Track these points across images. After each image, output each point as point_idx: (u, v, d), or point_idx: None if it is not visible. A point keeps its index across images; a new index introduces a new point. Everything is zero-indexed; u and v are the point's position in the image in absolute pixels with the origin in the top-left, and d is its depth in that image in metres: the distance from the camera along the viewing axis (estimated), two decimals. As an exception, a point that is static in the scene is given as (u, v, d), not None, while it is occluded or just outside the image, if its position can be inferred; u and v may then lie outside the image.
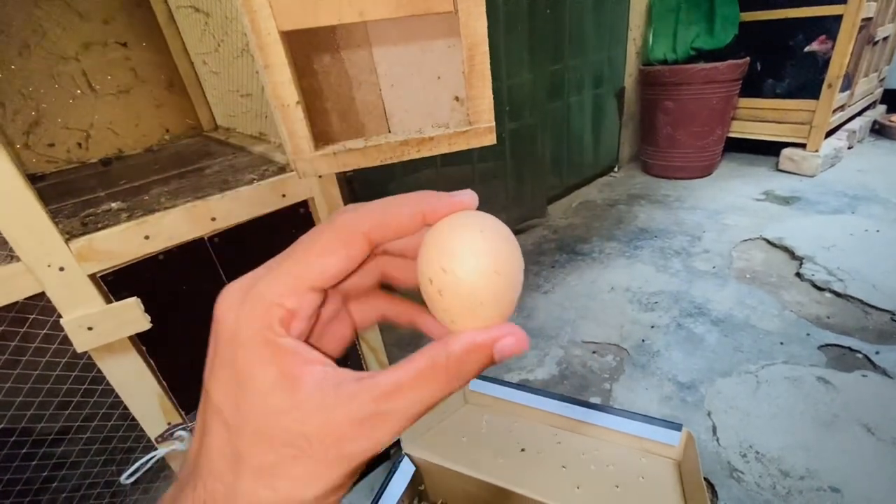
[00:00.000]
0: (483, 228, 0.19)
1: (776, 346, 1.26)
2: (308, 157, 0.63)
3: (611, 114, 2.58)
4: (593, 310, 1.53)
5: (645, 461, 0.93)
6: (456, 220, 0.19)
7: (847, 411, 1.04)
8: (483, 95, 0.63)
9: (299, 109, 0.60)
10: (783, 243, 1.76)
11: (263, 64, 0.58)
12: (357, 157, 0.64)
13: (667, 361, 1.26)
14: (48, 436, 0.65)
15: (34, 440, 0.64)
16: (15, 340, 0.57)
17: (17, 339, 0.57)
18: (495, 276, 0.18)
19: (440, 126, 0.66)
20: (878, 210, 1.93)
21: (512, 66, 1.75)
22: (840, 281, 1.49)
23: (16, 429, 0.63)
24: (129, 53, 1.08)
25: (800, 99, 2.34)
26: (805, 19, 2.20)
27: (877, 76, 2.74)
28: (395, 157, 0.65)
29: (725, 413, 1.08)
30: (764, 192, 2.26)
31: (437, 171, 1.74)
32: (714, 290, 1.55)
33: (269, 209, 0.68)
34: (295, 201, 0.70)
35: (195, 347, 0.69)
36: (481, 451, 0.94)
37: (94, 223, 0.60)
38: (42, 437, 0.64)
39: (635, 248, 1.88)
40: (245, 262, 0.67)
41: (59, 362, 0.61)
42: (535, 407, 1.06)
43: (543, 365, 1.32)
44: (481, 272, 0.18)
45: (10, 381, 0.59)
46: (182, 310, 0.66)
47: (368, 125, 0.66)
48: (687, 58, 2.39)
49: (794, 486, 0.90)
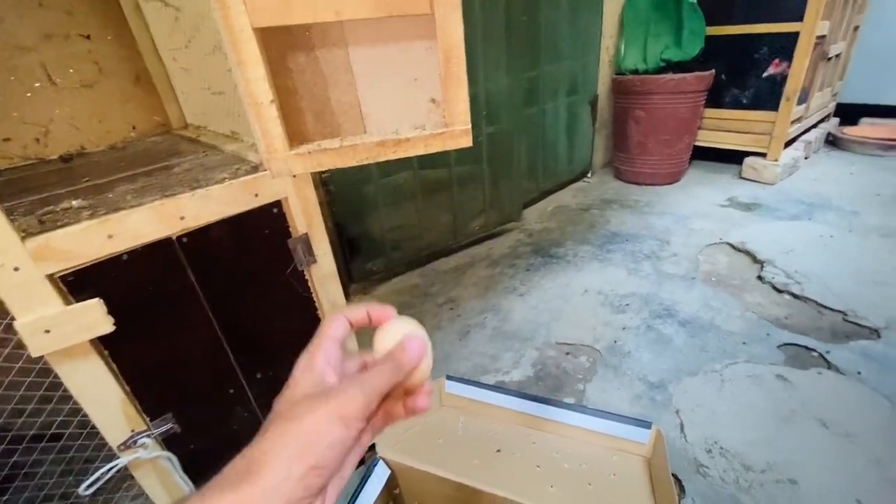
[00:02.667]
0: (408, 325, 0.34)
1: (739, 346, 1.32)
2: (282, 156, 0.62)
3: (584, 121, 2.64)
4: (567, 312, 1.56)
5: (616, 459, 0.95)
6: (394, 322, 0.35)
7: (804, 407, 1.09)
8: (459, 98, 0.63)
9: (273, 108, 0.60)
10: (746, 248, 1.84)
11: (237, 61, 0.57)
12: (332, 156, 0.63)
13: (637, 362, 1.29)
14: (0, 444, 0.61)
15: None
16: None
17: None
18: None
19: (417, 127, 0.66)
20: (832, 217, 2.04)
21: (489, 71, 1.77)
22: (798, 283, 1.57)
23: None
24: (92, 46, 1.04)
25: (761, 110, 2.45)
26: (765, 35, 2.32)
27: (830, 91, 2.90)
28: (371, 157, 0.64)
29: (692, 411, 1.12)
30: (728, 198, 2.36)
31: (414, 173, 1.74)
32: (682, 292, 1.60)
33: (241, 209, 0.67)
34: (268, 201, 0.69)
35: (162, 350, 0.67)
36: (457, 452, 0.94)
37: (52, 221, 0.57)
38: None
39: (608, 252, 1.93)
40: (215, 262, 0.65)
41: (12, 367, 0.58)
42: (511, 408, 1.07)
43: (519, 366, 1.33)
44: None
45: (-43, 387, 0.56)
46: (149, 312, 0.64)
47: (344, 125, 0.66)
48: (657, 68, 2.48)
49: (755, 479, 0.94)
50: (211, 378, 0.72)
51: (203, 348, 0.70)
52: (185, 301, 0.66)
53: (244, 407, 0.77)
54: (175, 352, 0.68)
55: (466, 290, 1.76)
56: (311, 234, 0.75)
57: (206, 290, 0.67)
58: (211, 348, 0.70)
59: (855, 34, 2.85)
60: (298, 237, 0.74)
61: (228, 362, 0.73)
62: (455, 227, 1.97)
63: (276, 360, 0.78)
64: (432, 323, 1.56)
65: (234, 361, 0.73)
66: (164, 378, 0.68)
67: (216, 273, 0.68)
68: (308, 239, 0.75)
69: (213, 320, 0.69)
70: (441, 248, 1.99)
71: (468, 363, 1.36)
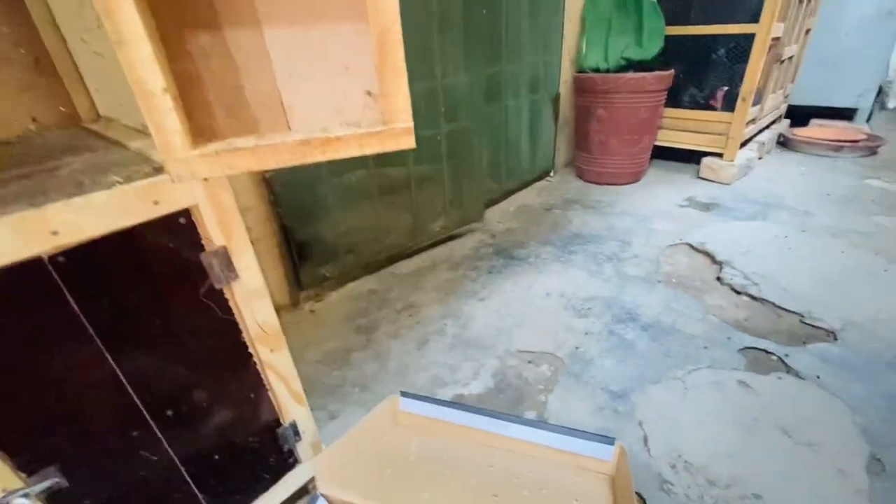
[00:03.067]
0: None
1: (701, 351, 1.29)
2: (182, 156, 0.52)
3: (547, 119, 2.60)
4: (529, 317, 1.50)
5: (580, 480, 0.89)
6: None
7: (766, 414, 1.07)
8: (398, 91, 0.55)
9: (167, 98, 0.49)
10: (705, 248, 1.84)
11: (117, 39, 0.46)
12: (246, 157, 0.53)
13: (599, 370, 1.25)
14: None
15: None
16: None
17: None
18: None
19: (350, 125, 0.57)
20: (785, 216, 2.08)
21: (447, 66, 1.68)
22: (755, 285, 1.57)
23: None
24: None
25: (718, 111, 2.49)
26: (722, 36, 2.34)
27: (782, 93, 2.99)
28: (295, 159, 0.55)
29: (655, 422, 1.08)
30: (687, 198, 2.38)
31: (369, 172, 1.63)
32: (643, 294, 1.58)
33: (136, 220, 0.55)
34: (172, 210, 0.58)
35: (39, 394, 0.55)
36: (406, 483, 0.86)
37: None
38: None
39: (569, 253, 1.89)
40: (106, 284, 0.53)
41: None
42: (469, 426, 1.00)
43: (479, 377, 1.26)
44: None
45: None
46: (18, 349, 0.52)
47: (263, 121, 0.56)
48: (618, 67, 2.46)
49: (720, 495, 0.90)
50: (108, 421, 0.61)
51: (94, 388, 0.58)
52: (66, 334, 0.54)
53: (153, 450, 0.65)
54: (57, 394, 0.56)
55: (427, 294, 1.67)
56: (230, 246, 0.64)
57: (94, 319, 0.55)
58: (106, 387, 0.59)
59: (807, 37, 2.94)
60: (213, 251, 0.63)
61: (130, 401, 0.61)
62: (415, 228, 1.88)
63: (192, 394, 0.67)
64: (390, 330, 1.47)
65: (138, 400, 0.62)
66: (44, 426, 0.56)
67: (107, 298, 0.56)
68: (227, 252, 0.64)
69: (106, 354, 0.58)
70: (400, 251, 1.90)
71: (426, 374, 1.28)
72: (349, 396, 1.22)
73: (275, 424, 0.82)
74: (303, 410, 0.85)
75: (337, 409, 1.18)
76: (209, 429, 0.71)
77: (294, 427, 0.84)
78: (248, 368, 0.74)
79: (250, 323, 0.70)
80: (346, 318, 1.56)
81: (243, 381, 0.73)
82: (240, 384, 0.73)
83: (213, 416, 0.71)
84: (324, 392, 1.24)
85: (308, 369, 1.32)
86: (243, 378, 0.73)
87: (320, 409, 1.18)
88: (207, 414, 0.70)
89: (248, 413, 0.77)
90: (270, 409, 0.81)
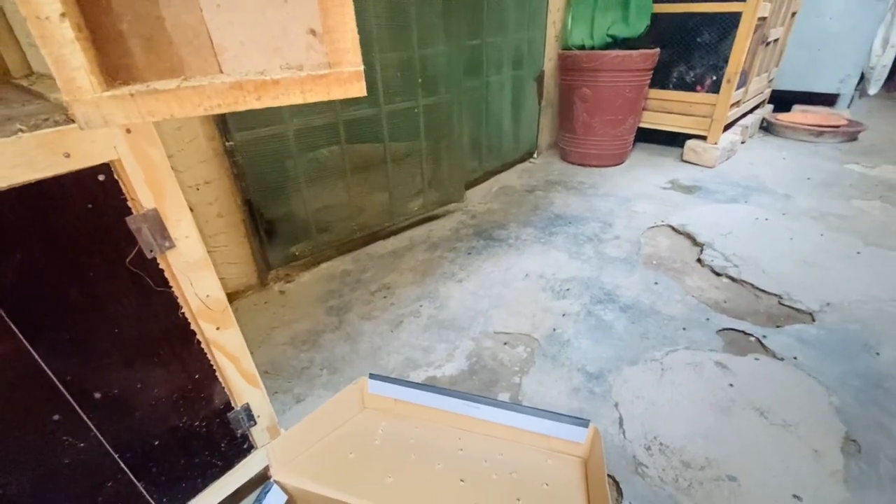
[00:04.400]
0: None
1: (679, 332, 1.27)
2: (90, 97, 0.44)
3: (531, 98, 2.53)
4: (507, 298, 1.46)
5: (551, 463, 0.86)
6: None
7: (742, 396, 1.05)
8: (344, 27, 0.48)
9: (66, 26, 0.41)
10: (686, 230, 1.81)
11: (-2, -51, 0.38)
12: (168, 101, 0.46)
13: (576, 351, 1.21)
14: None
15: None
16: None
17: None
18: None
19: (291, 68, 0.50)
20: (767, 200, 2.07)
21: (424, 35, 1.60)
22: (735, 266, 1.55)
23: None
24: None
25: (702, 92, 2.45)
26: (709, 14, 2.29)
27: (766, 76, 2.97)
28: (226, 104, 0.48)
29: (631, 403, 1.05)
30: (670, 180, 2.35)
31: (341, 148, 1.55)
32: (623, 275, 1.54)
33: (40, 174, 0.48)
34: (87, 165, 0.50)
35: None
36: (369, 469, 0.81)
37: None
38: None
39: (550, 235, 1.85)
40: (11, 250, 0.45)
41: None
42: (440, 408, 0.96)
43: (453, 359, 1.22)
44: None
45: None
46: None
47: (190, 61, 0.49)
48: (603, 45, 2.40)
49: (694, 477, 0.88)
50: (22, 406, 0.54)
51: (4, 369, 0.51)
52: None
53: (79, 436, 0.59)
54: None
55: (402, 275, 1.62)
56: (162, 209, 0.57)
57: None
58: (17, 368, 0.52)
59: (792, 20, 2.91)
60: (143, 214, 0.56)
61: (48, 382, 0.55)
62: (392, 207, 1.81)
63: (123, 373, 0.61)
64: (363, 312, 1.41)
65: (58, 381, 0.55)
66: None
67: (15, 266, 0.49)
68: (158, 216, 0.57)
69: (14, 330, 0.51)
70: (377, 231, 1.83)
71: (398, 357, 1.23)
72: (316, 379, 1.17)
73: (225, 408, 0.76)
74: (257, 393, 0.79)
75: (303, 393, 1.13)
76: (146, 413, 0.65)
77: (247, 410, 0.78)
78: (191, 347, 0.67)
79: (191, 297, 0.63)
80: (318, 299, 1.50)
81: (185, 360, 0.67)
82: (181, 364, 0.66)
83: (149, 399, 0.64)
84: (290, 374, 1.18)
85: (274, 351, 1.26)
86: (184, 358, 0.66)
87: (286, 393, 1.12)
88: (143, 397, 0.64)
89: (193, 396, 0.70)
90: (220, 392, 0.74)
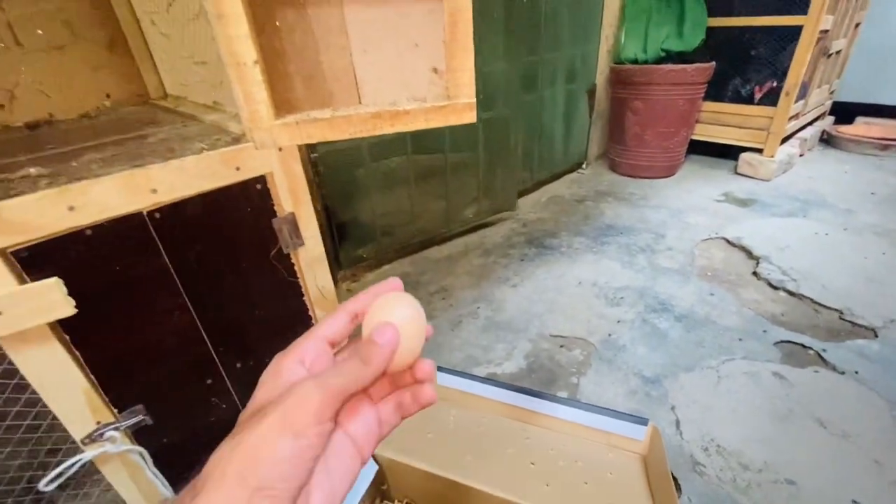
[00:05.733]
0: (396, 305, 0.31)
1: (735, 342, 1.29)
2: (266, 125, 0.56)
3: (582, 110, 2.59)
4: (561, 304, 1.52)
5: (612, 456, 0.92)
6: (382, 302, 0.31)
7: (801, 406, 1.07)
8: (464, 67, 0.58)
9: (257, 70, 0.53)
10: (741, 243, 1.82)
11: (216, 13, 0.50)
12: (323, 128, 0.57)
13: (632, 356, 1.27)
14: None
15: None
16: None
17: None
18: (409, 322, 0.30)
19: (417, 99, 0.61)
20: (827, 215, 2.03)
21: (487, 54, 1.71)
22: (793, 280, 1.55)
23: None
24: (63, 5, 0.96)
25: (759, 105, 2.43)
26: (768, 28, 2.28)
27: (828, 88, 2.89)
28: (366, 130, 0.59)
29: (688, 407, 1.09)
30: (723, 193, 2.34)
31: (407, 158, 1.68)
32: (677, 286, 1.58)
33: (220, 183, 0.61)
34: (250, 176, 0.63)
35: (132, 336, 0.61)
36: (448, 447, 0.90)
37: (5, 190, 0.51)
38: (-63, 439, 0.55)
39: (602, 244, 1.90)
40: (192, 240, 0.59)
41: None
42: (503, 401, 1.04)
43: (511, 358, 1.29)
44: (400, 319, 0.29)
45: None
46: (117, 294, 0.58)
47: (337, 94, 0.60)
48: (657, 59, 2.43)
49: (752, 478, 0.92)
50: (187, 367, 0.67)
51: (178, 335, 0.64)
52: (157, 283, 0.60)
53: (223, 398, 0.71)
54: (147, 338, 0.62)
55: (459, 279, 1.71)
56: (298, 213, 0.69)
57: (181, 271, 0.61)
58: (187, 335, 0.65)
59: (856, 31, 2.83)
60: (284, 217, 0.68)
61: (206, 350, 0.67)
62: (448, 214, 1.92)
63: (258, 349, 0.73)
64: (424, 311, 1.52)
65: (213, 350, 0.68)
66: (135, 367, 0.63)
67: (193, 253, 0.62)
68: (295, 219, 0.69)
69: (189, 305, 0.64)
70: (433, 236, 1.94)
71: (460, 354, 1.32)
72: (386, 370, 1.27)
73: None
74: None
75: (375, 381, 1.23)
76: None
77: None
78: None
79: (311, 287, 0.75)
80: (382, 297, 1.61)
81: (302, 341, 0.79)
82: (298, 344, 0.78)
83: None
84: (362, 365, 1.29)
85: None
86: (302, 338, 0.78)
87: (359, 381, 1.24)
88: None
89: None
90: (322, 371, 0.86)
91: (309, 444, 0.22)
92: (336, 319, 0.30)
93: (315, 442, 0.22)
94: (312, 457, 0.22)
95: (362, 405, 0.30)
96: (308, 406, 0.22)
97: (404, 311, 0.30)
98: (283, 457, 0.21)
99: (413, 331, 0.29)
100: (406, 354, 0.29)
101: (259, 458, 0.21)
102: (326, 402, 0.23)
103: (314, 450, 0.22)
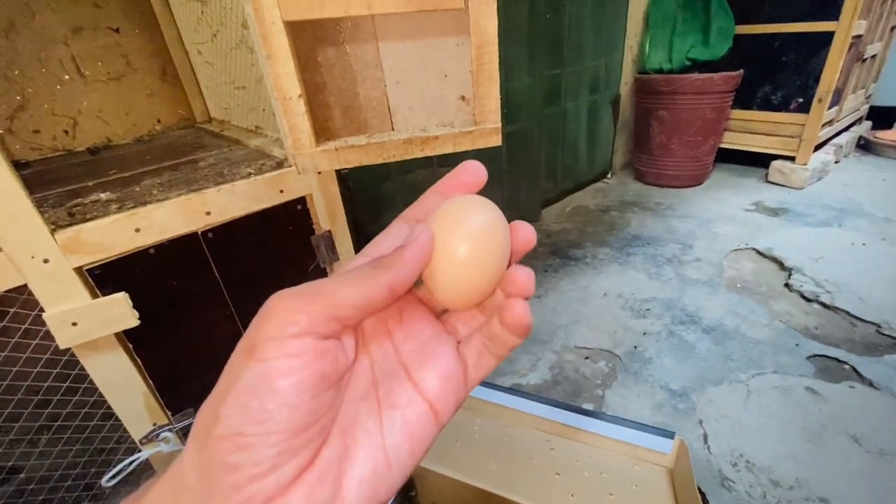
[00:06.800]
0: (472, 208, 0.22)
1: (766, 356, 1.27)
2: (308, 152, 0.61)
3: (606, 120, 2.59)
4: (586, 315, 1.53)
5: (637, 469, 0.92)
6: (455, 203, 0.23)
7: (835, 422, 1.05)
8: (490, 95, 0.62)
9: (301, 103, 0.59)
10: (772, 254, 1.78)
11: (266, 54, 0.56)
12: (359, 153, 0.62)
13: (659, 368, 1.26)
14: (26, 435, 0.62)
15: (11, 440, 0.61)
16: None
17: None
18: (480, 236, 0.21)
19: (445, 125, 0.65)
20: (863, 224, 1.97)
21: (511, 70, 1.74)
22: (828, 293, 1.51)
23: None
24: (121, 39, 1.05)
25: (790, 112, 2.38)
26: (798, 35, 2.24)
27: (864, 93, 2.80)
28: (399, 155, 0.63)
29: (717, 421, 1.08)
30: (753, 202, 2.29)
31: (433, 171, 1.73)
32: (705, 298, 1.56)
33: (265, 205, 0.66)
34: (292, 197, 0.68)
35: (185, 345, 0.67)
36: (474, 455, 0.93)
37: (81, 214, 0.57)
38: (19, 436, 0.61)
39: (628, 255, 1.89)
40: (239, 258, 0.65)
41: (40, 358, 0.58)
42: (528, 412, 1.06)
43: (536, 370, 1.31)
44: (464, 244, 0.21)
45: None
46: (173, 307, 0.64)
47: (371, 122, 0.65)
48: (682, 68, 2.42)
49: (784, 496, 0.90)
50: (231, 373, 0.72)
51: (226, 344, 0.69)
52: (208, 296, 0.66)
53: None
54: (198, 347, 0.68)
55: (483, 290, 1.74)
56: (334, 231, 0.74)
57: (229, 285, 0.67)
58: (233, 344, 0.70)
59: (892, 35, 2.74)
60: (322, 234, 0.73)
61: (249, 359, 0.72)
62: (473, 226, 1.95)
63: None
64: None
65: (255, 358, 0.73)
66: (187, 373, 0.68)
67: (239, 269, 0.67)
68: (331, 236, 0.74)
69: (235, 316, 0.69)
70: (458, 247, 1.97)
71: (485, 364, 1.35)
72: (413, 379, 1.31)
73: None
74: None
75: (402, 390, 1.27)
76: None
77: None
78: (340, 340, 0.83)
79: (345, 299, 0.80)
80: (408, 307, 1.66)
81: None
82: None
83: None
84: (390, 374, 1.33)
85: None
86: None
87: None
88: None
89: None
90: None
91: (279, 366, 0.16)
92: (392, 233, 0.23)
93: (288, 364, 0.16)
94: (295, 386, 0.16)
95: (437, 345, 0.22)
96: (270, 315, 0.17)
97: (476, 219, 0.21)
98: (246, 386, 0.16)
99: (487, 247, 0.21)
100: (477, 281, 0.21)
101: (220, 402, 0.16)
102: (299, 309, 0.17)
103: (293, 374, 0.16)
